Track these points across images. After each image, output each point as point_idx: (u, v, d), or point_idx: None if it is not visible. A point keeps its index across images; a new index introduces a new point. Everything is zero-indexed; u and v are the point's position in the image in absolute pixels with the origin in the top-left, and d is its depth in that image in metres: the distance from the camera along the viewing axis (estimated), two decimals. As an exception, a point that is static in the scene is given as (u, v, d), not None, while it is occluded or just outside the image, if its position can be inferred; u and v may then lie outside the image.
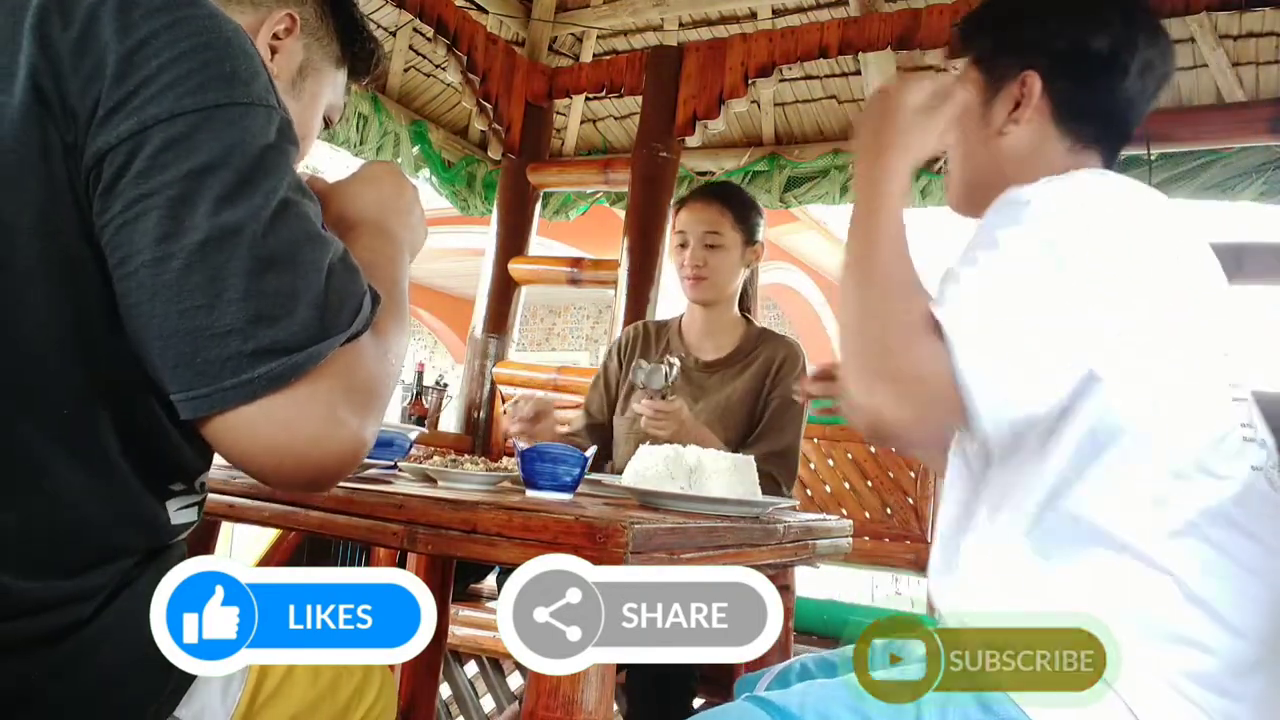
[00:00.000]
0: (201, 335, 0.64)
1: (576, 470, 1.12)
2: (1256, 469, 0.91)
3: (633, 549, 0.84)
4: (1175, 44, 2.81)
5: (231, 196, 0.65)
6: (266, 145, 0.69)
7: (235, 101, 0.68)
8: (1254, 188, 2.60)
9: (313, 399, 0.66)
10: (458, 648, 2.34)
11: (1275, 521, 0.92)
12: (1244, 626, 0.86)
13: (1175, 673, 0.84)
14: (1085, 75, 1.03)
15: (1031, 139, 1.04)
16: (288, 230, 0.68)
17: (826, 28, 2.80)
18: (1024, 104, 1.03)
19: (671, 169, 3.04)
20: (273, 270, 0.66)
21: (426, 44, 3.16)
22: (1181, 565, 0.85)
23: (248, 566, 0.75)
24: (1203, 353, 0.92)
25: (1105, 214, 0.88)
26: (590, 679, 0.87)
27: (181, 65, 0.66)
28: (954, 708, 0.88)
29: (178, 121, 0.65)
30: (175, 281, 0.63)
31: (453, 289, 9.75)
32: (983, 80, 1.06)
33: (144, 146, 0.64)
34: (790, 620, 1.62)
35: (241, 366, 0.64)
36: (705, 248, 1.97)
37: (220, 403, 0.64)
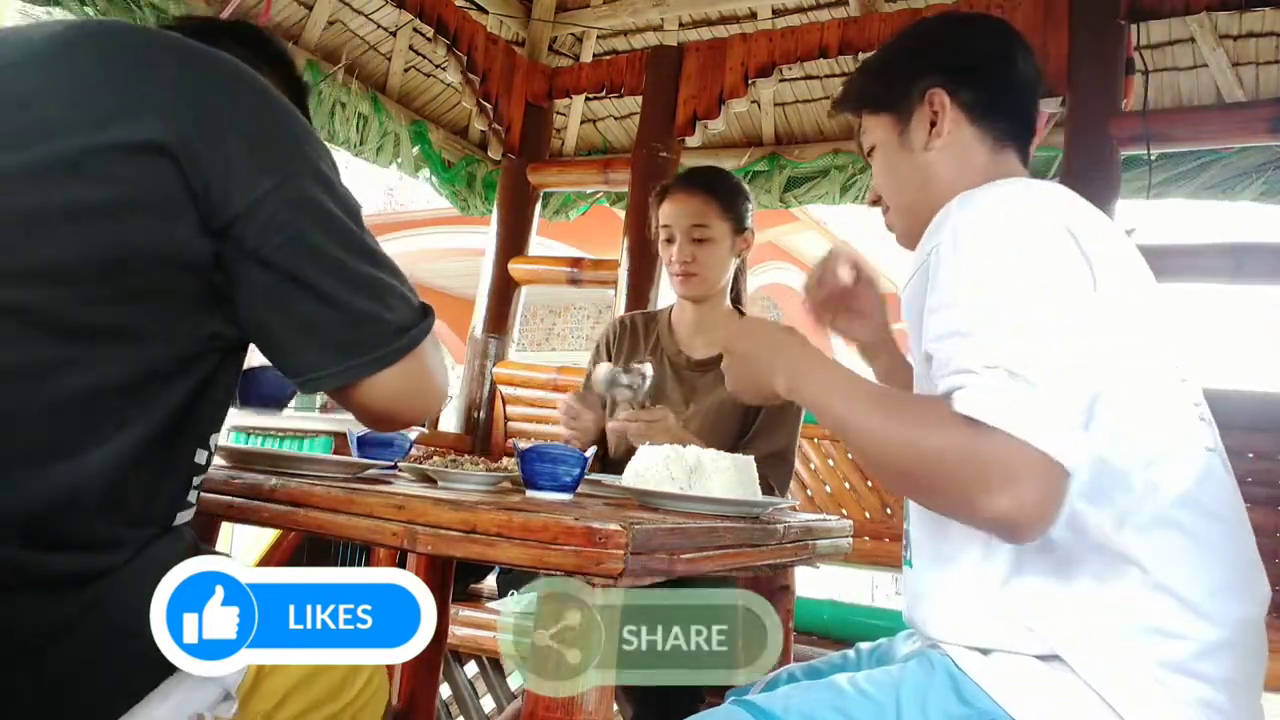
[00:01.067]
0: (364, 319, 0.87)
1: (576, 470, 1.12)
2: (1210, 450, 0.93)
3: (633, 549, 0.84)
4: (1175, 44, 2.83)
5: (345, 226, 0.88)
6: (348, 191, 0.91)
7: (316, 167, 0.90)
8: (1254, 188, 2.60)
9: (421, 368, 0.90)
10: (458, 648, 2.34)
11: (1235, 500, 0.94)
12: (1213, 610, 0.88)
13: (1150, 662, 0.86)
14: (982, 74, 1.11)
15: (956, 149, 1.10)
16: (380, 249, 0.91)
17: (826, 28, 2.80)
18: (940, 116, 1.09)
19: (671, 169, 3.04)
20: (378, 269, 0.89)
21: (426, 44, 3.16)
22: (1150, 554, 0.87)
23: (247, 567, 0.76)
24: (1156, 339, 0.94)
25: (1040, 229, 0.90)
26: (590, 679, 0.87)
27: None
28: (934, 704, 0.89)
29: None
30: (336, 285, 0.86)
31: (453, 289, 9.75)
32: (890, 118, 1.14)
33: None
34: (790, 620, 1.62)
35: (387, 339, 0.87)
36: (693, 241, 1.89)
37: (377, 365, 0.87)
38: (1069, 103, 2.41)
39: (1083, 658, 0.87)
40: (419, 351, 0.90)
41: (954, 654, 0.94)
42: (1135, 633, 0.86)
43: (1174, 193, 2.69)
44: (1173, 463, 0.90)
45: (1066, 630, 0.88)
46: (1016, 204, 0.93)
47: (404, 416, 0.94)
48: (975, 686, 0.90)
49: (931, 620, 0.99)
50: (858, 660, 1.17)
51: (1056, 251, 0.88)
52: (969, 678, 0.90)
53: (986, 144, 1.10)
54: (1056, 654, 0.88)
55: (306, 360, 0.86)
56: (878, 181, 1.18)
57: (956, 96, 1.09)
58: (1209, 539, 0.89)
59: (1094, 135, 2.36)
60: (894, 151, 1.14)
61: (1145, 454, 0.89)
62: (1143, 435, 0.90)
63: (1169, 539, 0.88)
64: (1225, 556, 0.90)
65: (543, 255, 3.48)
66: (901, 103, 1.12)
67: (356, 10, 3.11)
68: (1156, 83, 2.72)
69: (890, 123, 1.14)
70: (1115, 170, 2.37)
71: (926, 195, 1.10)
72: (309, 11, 3.00)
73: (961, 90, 1.09)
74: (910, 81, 1.11)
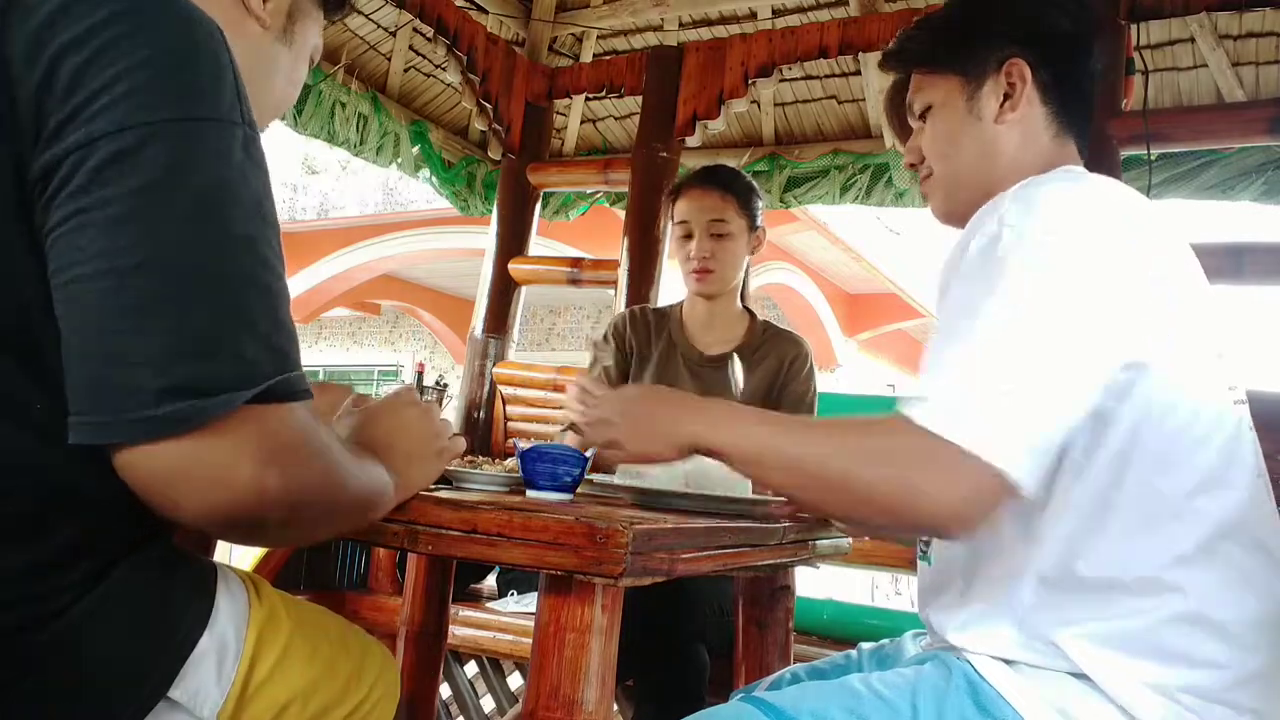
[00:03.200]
0: (116, 361, 0.61)
1: (576, 470, 1.12)
2: (1259, 476, 0.91)
3: (633, 549, 0.84)
4: (1175, 44, 2.83)
5: (177, 220, 0.62)
6: (225, 168, 0.65)
7: (191, 116, 0.64)
8: (1254, 188, 2.60)
9: (216, 449, 0.63)
10: (458, 648, 2.34)
11: (1277, 524, 0.92)
12: (1252, 640, 0.86)
13: (1183, 690, 0.84)
14: (1064, 56, 1.07)
15: (1024, 127, 1.06)
16: (234, 267, 0.64)
17: (826, 28, 2.80)
18: (1018, 90, 1.05)
19: (671, 169, 3.04)
20: (206, 306, 0.63)
21: (426, 44, 3.16)
22: (1193, 582, 0.85)
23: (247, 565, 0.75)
24: (1211, 358, 0.92)
25: (1090, 230, 0.88)
26: (590, 679, 0.87)
27: (138, 75, 0.63)
28: (951, 709, 0.88)
29: (126, 135, 0.62)
30: (101, 302, 0.61)
31: (453, 289, 9.75)
32: (959, 80, 1.08)
33: (88, 159, 0.61)
34: (790, 620, 1.62)
35: (147, 402, 0.61)
36: (712, 237, 1.88)
37: (116, 435, 0.62)
38: (1069, 103, 2.40)
39: (1114, 680, 0.85)
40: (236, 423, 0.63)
41: (975, 661, 0.92)
42: (1171, 659, 0.85)
43: (1174, 193, 2.69)
44: (1222, 489, 0.88)
45: (1099, 652, 0.86)
46: (1074, 207, 0.89)
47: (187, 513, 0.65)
48: (995, 694, 0.88)
49: (952, 626, 0.97)
50: (860, 661, 1.17)
51: (1094, 275, 0.85)
52: (989, 685, 0.89)
53: (1052, 128, 1.07)
54: (1085, 673, 0.86)
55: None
56: (928, 144, 1.12)
57: (1036, 73, 1.05)
58: (1252, 568, 0.87)
59: (1094, 135, 2.35)
60: (958, 116, 1.08)
61: (1195, 480, 0.87)
62: (1193, 460, 0.87)
63: (1213, 568, 0.86)
64: (1267, 586, 0.88)
65: (543, 255, 3.48)
66: (974, 67, 1.07)
67: (356, 10, 3.11)
68: (1156, 83, 2.72)
69: (957, 85, 1.08)
70: (1115, 170, 2.36)
71: (983, 169, 1.06)
72: (309, 11, 2.99)
73: (1042, 67, 1.05)
74: (990, 46, 1.06)
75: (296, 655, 0.88)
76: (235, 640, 0.82)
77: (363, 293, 9.31)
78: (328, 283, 8.66)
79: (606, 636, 0.88)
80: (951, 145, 1.09)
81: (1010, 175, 1.02)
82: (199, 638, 0.78)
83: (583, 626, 0.87)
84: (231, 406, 0.63)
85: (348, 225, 8.29)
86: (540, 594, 0.90)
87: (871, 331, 9.86)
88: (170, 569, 0.80)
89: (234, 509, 0.65)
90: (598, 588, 0.87)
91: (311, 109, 3.00)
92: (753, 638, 1.58)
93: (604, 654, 0.88)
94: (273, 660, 0.85)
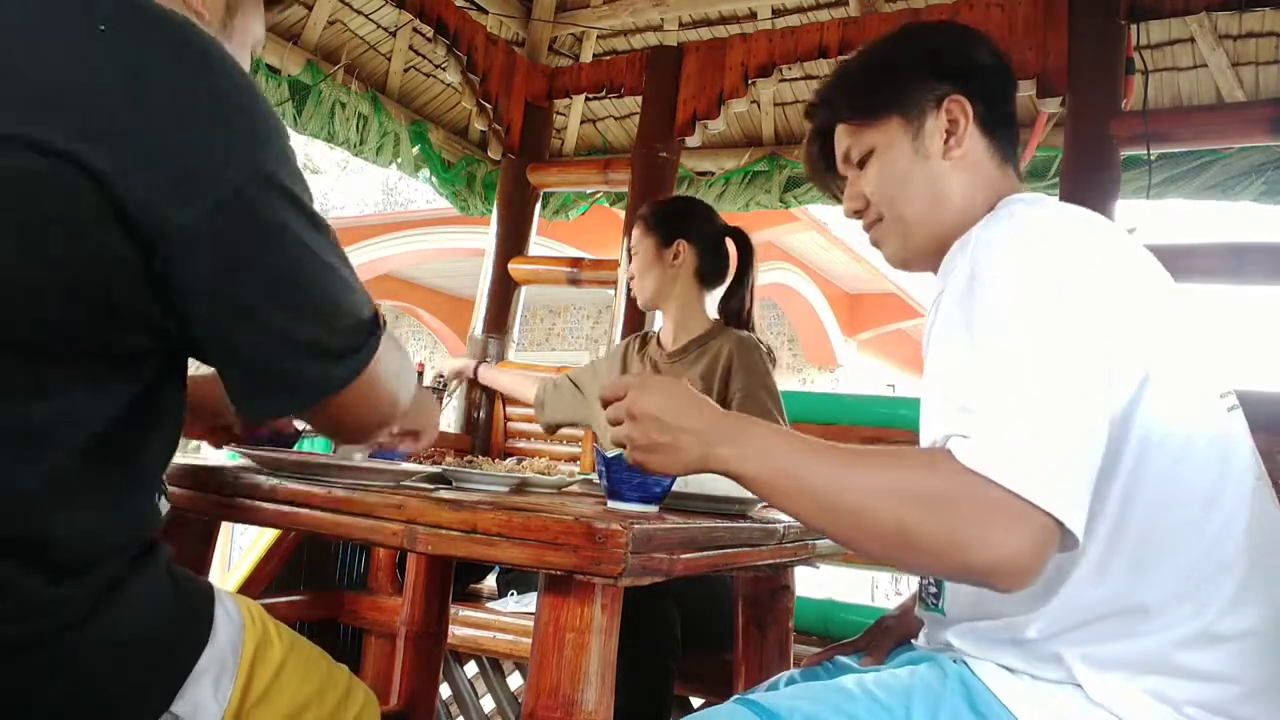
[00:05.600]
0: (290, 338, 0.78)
1: (667, 480, 1.05)
2: (1259, 479, 0.91)
3: (633, 549, 0.84)
4: (1175, 44, 2.83)
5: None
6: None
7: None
8: (1254, 188, 2.60)
9: (374, 384, 0.85)
10: (458, 648, 2.34)
11: (1278, 529, 0.92)
12: (1259, 653, 0.85)
13: (1183, 702, 0.84)
14: (994, 88, 1.09)
15: (970, 161, 1.07)
16: (316, 237, 0.80)
17: (826, 28, 2.80)
18: (960, 126, 1.06)
19: (671, 169, 3.04)
20: (330, 282, 0.81)
21: (426, 44, 3.16)
22: (1205, 599, 0.85)
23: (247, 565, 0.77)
24: (1194, 364, 0.92)
25: (1074, 252, 0.87)
26: (590, 679, 0.87)
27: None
28: (946, 711, 0.88)
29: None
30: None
31: (453, 289, 9.75)
32: (899, 122, 1.08)
33: None
34: (790, 620, 1.62)
35: (331, 353, 0.80)
36: (630, 260, 2.18)
37: (322, 391, 0.81)
38: (1069, 103, 2.40)
39: (1118, 695, 0.84)
40: (370, 370, 0.84)
41: (971, 664, 0.92)
42: (1179, 674, 0.84)
43: (1174, 193, 2.69)
44: (1224, 503, 0.87)
45: (1104, 670, 0.85)
46: (1045, 235, 0.88)
47: (363, 432, 0.92)
48: (991, 697, 0.88)
49: (952, 632, 0.97)
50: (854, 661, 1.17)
51: (1090, 299, 0.84)
52: (985, 688, 0.89)
53: (995, 158, 1.08)
54: (1085, 686, 0.85)
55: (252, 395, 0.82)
56: (874, 188, 1.10)
57: (974, 107, 1.06)
58: (1258, 579, 0.86)
59: (1094, 135, 2.36)
60: (905, 158, 1.07)
61: (1199, 497, 0.86)
62: (1195, 477, 0.87)
63: (1223, 584, 0.85)
64: (1270, 595, 0.87)
65: (543, 255, 3.48)
66: (912, 107, 1.07)
67: (356, 10, 3.11)
68: (1156, 83, 2.72)
69: (898, 126, 1.08)
70: (1115, 170, 2.36)
71: (936, 207, 1.06)
72: (309, 11, 2.99)
73: (977, 102, 1.06)
74: (925, 86, 1.07)
75: (290, 676, 0.90)
76: (232, 658, 0.84)
77: (363, 293, 9.30)
78: (328, 283, 8.65)
79: (606, 636, 0.88)
80: (901, 187, 1.08)
81: (963, 211, 1.03)
82: (199, 656, 0.81)
83: (582, 626, 0.87)
84: (369, 355, 0.84)
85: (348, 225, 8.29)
86: (540, 594, 0.90)
87: (871, 331, 9.86)
88: (171, 590, 0.83)
89: (388, 422, 0.92)
90: (597, 588, 0.87)
91: (311, 109, 3.00)
92: (753, 638, 1.58)
93: (604, 654, 0.88)
94: (267, 679, 0.88)
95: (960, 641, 0.95)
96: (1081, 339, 0.81)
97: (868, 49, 1.18)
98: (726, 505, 1.22)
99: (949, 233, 1.01)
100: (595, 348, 9.74)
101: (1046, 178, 2.85)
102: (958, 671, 0.92)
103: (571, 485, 1.33)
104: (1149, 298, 0.90)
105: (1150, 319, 0.88)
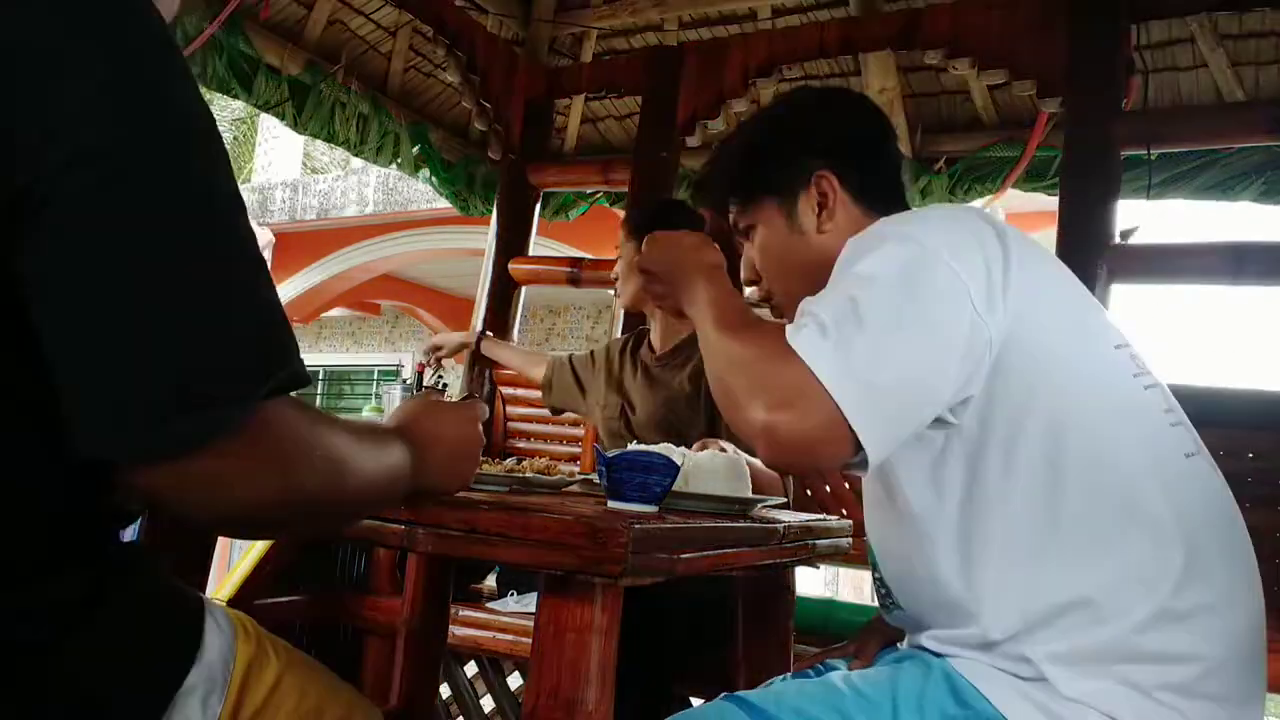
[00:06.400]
0: (123, 369, 0.59)
1: (667, 480, 1.05)
2: (1190, 455, 0.93)
3: (633, 549, 0.84)
4: (1175, 44, 2.83)
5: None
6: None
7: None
8: (1254, 188, 2.60)
9: (242, 455, 0.62)
10: (458, 648, 2.34)
11: (1226, 503, 0.94)
12: (1216, 628, 0.86)
13: (1153, 687, 0.85)
14: (866, 156, 1.14)
15: (846, 228, 1.10)
16: (223, 244, 0.64)
17: (826, 28, 2.80)
18: (831, 197, 1.11)
19: (671, 169, 3.04)
20: (209, 301, 0.61)
21: (426, 44, 3.16)
22: (1153, 582, 0.86)
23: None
24: (1109, 354, 0.95)
25: (946, 224, 0.93)
26: (590, 679, 0.87)
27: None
28: (930, 704, 0.89)
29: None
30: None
31: (453, 289, 9.75)
32: (773, 200, 1.14)
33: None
34: (790, 620, 1.61)
35: (162, 408, 0.58)
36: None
37: (145, 451, 0.59)
38: (1069, 103, 2.40)
39: (1089, 689, 0.85)
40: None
41: (955, 661, 0.93)
42: (1145, 659, 0.85)
43: (1174, 193, 2.69)
44: (1159, 479, 0.89)
45: (1071, 667, 0.86)
46: (909, 217, 0.95)
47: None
48: (973, 689, 0.89)
49: (926, 636, 0.98)
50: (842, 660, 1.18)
51: (965, 274, 0.87)
52: (968, 681, 0.90)
53: (871, 217, 1.09)
54: (1055, 683, 0.86)
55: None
56: (761, 263, 1.17)
57: (844, 179, 1.11)
58: (1205, 552, 0.87)
59: (1094, 135, 2.36)
60: (782, 235, 1.14)
61: (1128, 477, 0.88)
62: (1121, 456, 0.89)
63: (1170, 564, 0.86)
64: (1224, 568, 0.89)
65: (543, 255, 3.48)
66: (784, 186, 1.13)
67: (356, 10, 3.11)
68: (1156, 83, 2.72)
69: (773, 205, 1.14)
70: (1115, 170, 2.36)
71: (818, 277, 1.06)
72: (309, 11, 2.99)
73: (847, 172, 1.11)
74: (795, 165, 1.12)
75: (287, 693, 0.86)
76: (222, 675, 0.80)
77: (363, 293, 9.30)
78: (328, 283, 8.65)
79: (606, 636, 0.88)
80: (782, 264, 1.15)
81: None
82: (187, 671, 0.77)
83: (582, 626, 0.87)
84: (247, 411, 0.61)
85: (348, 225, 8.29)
86: (540, 594, 0.90)
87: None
88: (160, 602, 0.79)
89: (260, 516, 0.65)
90: (597, 588, 0.87)
91: (311, 109, 3.00)
92: (753, 638, 1.57)
93: (604, 654, 0.88)
94: (261, 696, 0.84)
95: (937, 645, 0.97)
96: (945, 298, 0.86)
97: (742, 131, 1.27)
98: (726, 505, 1.22)
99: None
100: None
101: (1046, 178, 2.86)
102: (941, 665, 0.93)
103: (571, 485, 1.33)
104: (1039, 278, 0.93)
105: (1039, 300, 0.91)
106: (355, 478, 0.75)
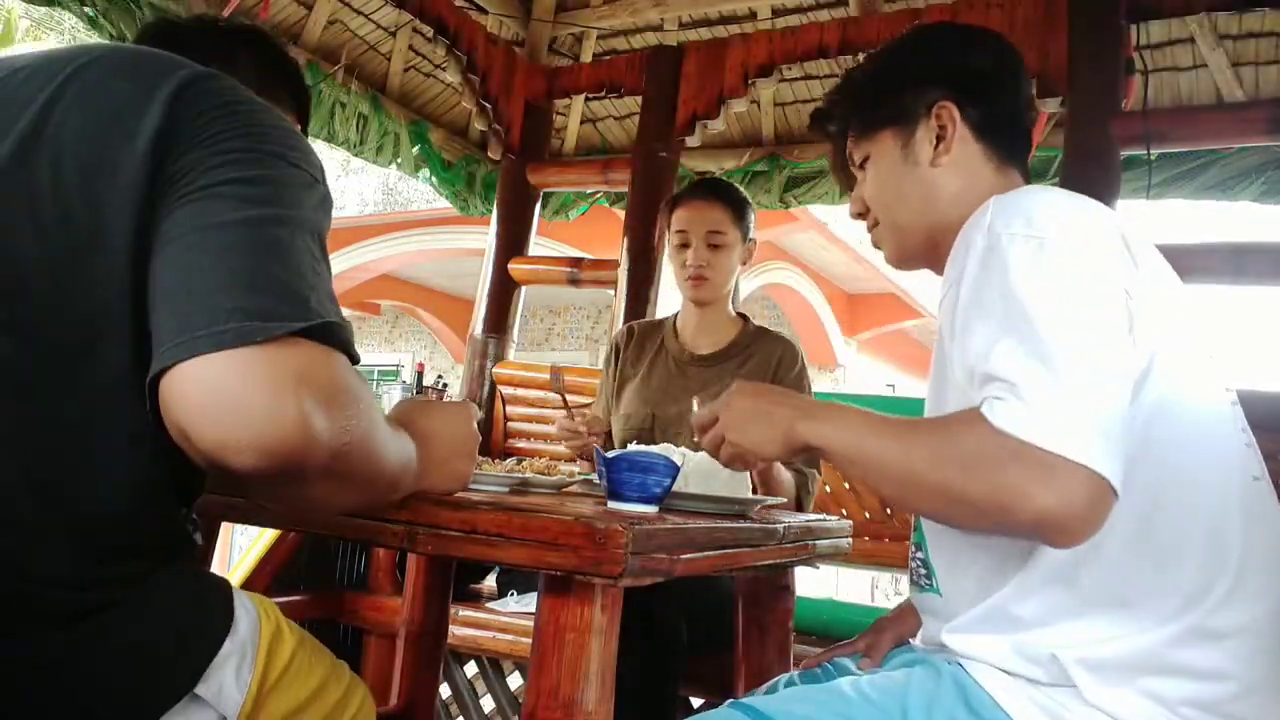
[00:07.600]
0: (196, 292, 0.69)
1: (667, 480, 1.05)
2: (1257, 479, 0.91)
3: (633, 549, 0.84)
4: (1175, 44, 2.82)
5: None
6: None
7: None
8: (1254, 188, 2.60)
9: (272, 365, 0.67)
10: (458, 648, 2.34)
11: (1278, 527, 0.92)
12: (1252, 650, 0.85)
13: (1177, 702, 0.84)
14: (991, 93, 1.09)
15: (962, 166, 1.07)
16: (300, 243, 0.75)
17: (826, 28, 2.80)
18: (949, 132, 1.07)
19: (671, 169, 3.04)
20: (276, 262, 0.72)
21: (426, 44, 3.16)
22: (1197, 595, 0.85)
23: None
24: (1200, 353, 0.92)
25: (1087, 228, 0.89)
26: (590, 679, 0.87)
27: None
28: (941, 711, 0.88)
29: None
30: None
31: (453, 289, 9.75)
32: (891, 130, 1.10)
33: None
34: (790, 621, 1.61)
35: (217, 317, 0.67)
36: (709, 248, 1.98)
37: (190, 349, 0.67)
38: (1069, 103, 2.40)
39: (1111, 695, 0.84)
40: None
41: (966, 665, 0.92)
42: (1173, 673, 0.84)
43: (1174, 193, 2.69)
44: (1225, 496, 0.87)
45: (1098, 670, 0.85)
46: (1061, 205, 0.90)
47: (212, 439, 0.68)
48: (986, 698, 0.88)
49: (947, 629, 0.97)
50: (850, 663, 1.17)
51: (1110, 264, 0.85)
52: (980, 689, 0.89)
53: (992, 162, 1.08)
54: (1080, 687, 0.85)
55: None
56: (871, 194, 1.14)
57: (965, 112, 1.07)
58: (1253, 576, 0.86)
59: (1094, 135, 2.36)
60: (895, 165, 1.10)
61: (1199, 485, 0.87)
62: (1197, 465, 0.87)
63: (1218, 580, 0.85)
64: (1266, 591, 0.87)
65: (542, 255, 3.48)
66: (904, 116, 1.09)
67: (356, 10, 3.11)
68: (1156, 83, 2.72)
69: (890, 134, 1.10)
70: (1115, 170, 2.36)
71: (927, 211, 1.08)
72: (309, 11, 2.99)
73: (969, 106, 1.07)
74: (916, 93, 1.08)
75: (300, 669, 0.95)
76: (251, 648, 0.90)
77: (363, 293, 9.30)
78: (328, 283, 8.65)
79: (606, 636, 0.88)
80: (893, 194, 1.11)
81: (955, 212, 1.03)
82: (224, 641, 0.86)
83: (582, 626, 0.87)
84: (287, 331, 0.68)
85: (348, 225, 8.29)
86: (540, 594, 0.90)
87: (871, 331, 9.86)
88: (199, 580, 0.90)
89: (280, 446, 0.67)
90: (597, 588, 0.87)
91: (311, 109, 3.00)
92: (753, 638, 1.57)
93: (604, 654, 0.88)
94: (279, 670, 0.92)
95: (954, 641, 0.95)
96: (1106, 298, 0.83)
97: (871, 58, 1.21)
98: (726, 505, 1.22)
99: (942, 235, 1.03)
100: (595, 348, 9.74)
101: (1046, 178, 2.85)
102: (952, 672, 0.92)
103: (571, 485, 1.33)
104: (1159, 279, 0.91)
105: (1161, 300, 0.89)
106: (389, 445, 0.80)
